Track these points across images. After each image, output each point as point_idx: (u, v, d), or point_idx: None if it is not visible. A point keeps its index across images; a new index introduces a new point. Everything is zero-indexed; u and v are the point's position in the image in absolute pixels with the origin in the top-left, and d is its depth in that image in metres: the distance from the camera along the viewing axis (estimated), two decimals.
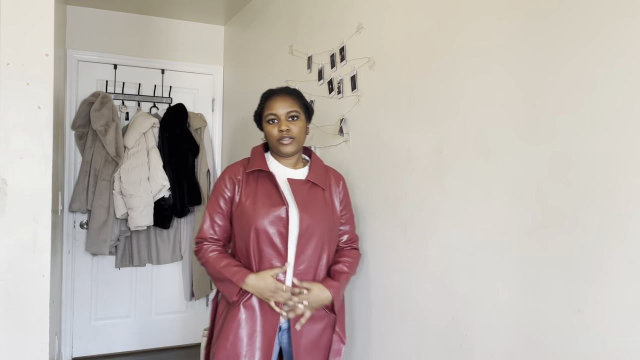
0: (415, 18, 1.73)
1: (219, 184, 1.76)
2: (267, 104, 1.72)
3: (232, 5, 3.47)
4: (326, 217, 1.73)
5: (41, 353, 2.07)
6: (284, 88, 1.77)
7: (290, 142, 1.68)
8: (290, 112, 1.69)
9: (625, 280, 1.06)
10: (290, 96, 1.72)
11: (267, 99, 1.74)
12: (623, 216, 1.06)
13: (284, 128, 1.67)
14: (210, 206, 1.76)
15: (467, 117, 1.50)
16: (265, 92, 1.78)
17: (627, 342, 1.06)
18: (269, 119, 1.71)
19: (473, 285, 1.47)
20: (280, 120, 1.69)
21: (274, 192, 1.69)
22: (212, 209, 1.75)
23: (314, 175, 1.75)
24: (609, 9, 1.10)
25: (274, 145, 1.71)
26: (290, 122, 1.69)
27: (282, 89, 1.76)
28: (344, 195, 1.85)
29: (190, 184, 3.57)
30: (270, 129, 1.70)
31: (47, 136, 2.07)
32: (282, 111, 1.69)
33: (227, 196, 1.74)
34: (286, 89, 1.76)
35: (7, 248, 2.02)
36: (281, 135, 1.67)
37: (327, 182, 1.79)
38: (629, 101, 1.05)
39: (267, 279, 1.62)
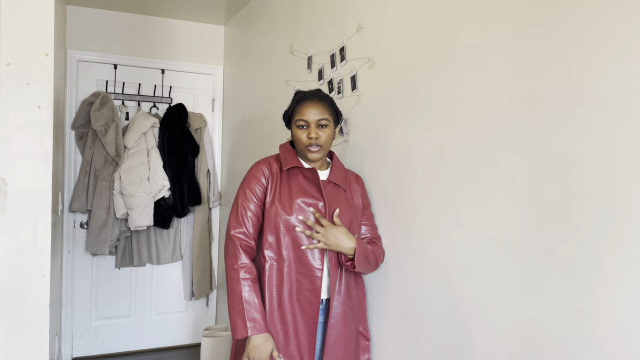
0: (416, 18, 1.73)
1: (253, 175, 1.74)
2: (299, 109, 1.72)
3: (232, 5, 3.47)
4: (349, 214, 1.76)
5: (41, 353, 2.07)
6: (316, 92, 1.76)
7: (317, 150, 1.70)
8: (321, 120, 1.69)
9: (625, 280, 1.06)
10: (322, 103, 1.72)
11: (298, 102, 1.73)
12: (623, 216, 1.06)
13: (313, 136, 1.68)
14: (244, 197, 1.72)
15: (467, 118, 1.50)
16: (297, 93, 1.77)
17: (627, 342, 1.06)
18: (299, 124, 1.71)
19: (473, 285, 1.47)
20: (310, 126, 1.69)
21: (312, 187, 1.73)
22: (246, 200, 1.72)
23: (336, 176, 1.78)
24: (610, 11, 1.10)
25: (302, 149, 1.72)
26: (320, 130, 1.69)
27: (314, 94, 1.74)
28: (364, 195, 1.88)
29: (190, 184, 3.57)
30: (300, 133, 1.71)
31: (47, 136, 2.07)
32: (312, 118, 1.69)
33: (261, 190, 1.73)
34: (318, 93, 1.75)
35: (7, 248, 2.02)
36: (310, 142, 1.69)
37: (348, 183, 1.83)
38: (629, 101, 1.05)
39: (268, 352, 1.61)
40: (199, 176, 3.65)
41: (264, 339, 1.59)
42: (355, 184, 1.86)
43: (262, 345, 1.59)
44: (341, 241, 1.68)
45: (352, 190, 1.83)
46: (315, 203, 1.71)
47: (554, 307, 1.21)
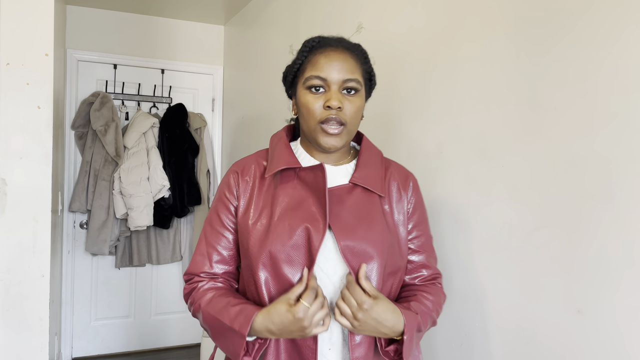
0: (416, 17, 1.73)
1: (220, 190, 1.16)
2: (313, 59, 1.07)
3: (232, 5, 3.47)
4: (382, 241, 1.08)
5: (41, 353, 2.07)
6: (340, 39, 1.12)
7: (339, 130, 1.05)
8: (349, 80, 1.05)
9: (625, 280, 1.06)
10: (352, 54, 1.09)
11: (314, 50, 1.09)
12: (623, 216, 1.06)
13: (334, 104, 1.03)
14: (208, 225, 1.16)
15: (467, 117, 1.50)
16: (311, 38, 1.11)
17: (627, 342, 1.06)
18: (311, 83, 1.06)
19: (473, 285, 1.47)
20: (329, 89, 1.05)
21: (311, 199, 1.08)
22: (210, 228, 1.15)
23: (364, 173, 1.11)
24: (610, 10, 1.10)
25: (312, 129, 1.07)
26: (345, 97, 1.06)
27: (339, 40, 1.11)
28: (416, 204, 1.17)
29: (190, 184, 3.57)
30: (311, 100, 1.06)
31: (47, 136, 2.07)
32: (335, 75, 1.05)
33: (232, 208, 1.14)
34: (345, 41, 1.12)
35: (7, 248, 2.02)
36: (327, 114, 1.04)
37: (386, 185, 1.15)
38: (630, 101, 1.05)
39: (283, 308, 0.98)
40: (199, 176, 3.65)
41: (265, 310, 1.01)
42: (401, 187, 1.16)
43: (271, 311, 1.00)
44: (382, 323, 1.00)
45: (393, 197, 1.15)
46: (306, 228, 1.04)
47: (554, 307, 1.21)
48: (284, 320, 0.98)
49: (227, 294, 1.10)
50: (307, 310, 0.96)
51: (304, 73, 1.08)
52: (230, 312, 1.04)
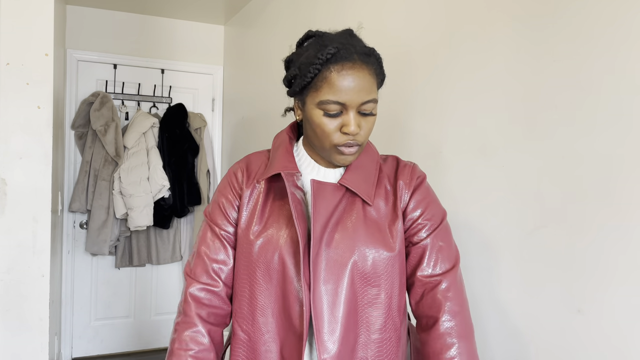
0: (415, 17, 1.73)
1: (219, 193, 1.12)
2: (329, 77, 0.95)
3: (232, 5, 3.47)
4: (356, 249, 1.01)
5: (41, 353, 2.07)
6: (354, 41, 0.99)
7: (355, 150, 1.00)
8: (368, 102, 0.97)
9: (626, 280, 1.06)
10: (370, 68, 0.97)
11: (329, 63, 0.95)
12: (623, 216, 1.06)
13: (353, 129, 0.96)
14: (205, 229, 1.11)
15: (467, 117, 1.50)
16: (325, 47, 0.96)
17: (627, 342, 1.05)
18: (328, 109, 0.96)
19: (473, 285, 1.47)
20: (347, 112, 0.96)
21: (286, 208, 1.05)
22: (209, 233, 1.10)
23: (354, 176, 1.04)
24: (611, 10, 1.10)
25: (325, 148, 1.01)
26: (362, 117, 0.98)
27: (353, 45, 0.97)
28: (419, 203, 1.07)
29: (190, 184, 3.57)
30: (327, 121, 0.97)
31: (47, 136, 2.07)
32: (355, 99, 0.95)
33: (229, 222, 1.10)
34: (360, 45, 0.99)
35: (7, 248, 2.02)
36: (345, 140, 0.98)
37: (380, 188, 1.07)
38: (630, 101, 1.05)
39: None
40: (199, 176, 3.65)
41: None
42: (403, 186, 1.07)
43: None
44: None
45: (388, 201, 1.06)
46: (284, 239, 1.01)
47: (554, 307, 1.21)
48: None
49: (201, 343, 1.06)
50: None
51: (318, 91, 0.96)
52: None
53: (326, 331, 0.98)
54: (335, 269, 0.99)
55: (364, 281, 1.01)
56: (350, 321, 1.00)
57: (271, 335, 1.03)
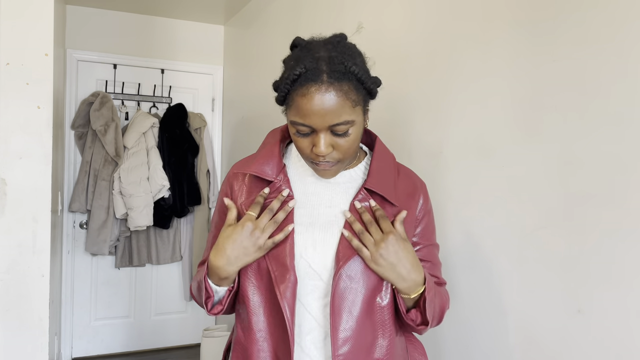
0: (416, 18, 1.73)
1: (220, 193, 1.15)
2: (296, 100, 0.94)
3: (232, 5, 3.47)
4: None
5: (41, 353, 2.07)
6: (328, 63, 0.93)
7: (332, 165, 0.99)
8: (336, 125, 0.93)
9: (625, 280, 1.06)
10: (340, 87, 0.92)
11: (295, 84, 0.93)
12: (623, 216, 1.06)
13: (322, 150, 0.95)
14: (212, 227, 1.16)
15: (467, 118, 1.50)
16: (294, 65, 0.95)
17: (627, 343, 1.05)
18: (296, 128, 0.96)
19: (473, 285, 1.47)
20: (317, 133, 0.95)
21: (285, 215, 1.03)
22: (212, 232, 1.15)
23: (378, 179, 1.04)
24: (611, 11, 1.09)
25: (305, 160, 1.02)
26: (336, 137, 0.96)
27: (325, 62, 0.93)
28: (425, 214, 1.11)
29: (190, 184, 3.57)
30: (299, 139, 0.98)
31: (47, 136, 2.07)
32: (321, 122, 0.93)
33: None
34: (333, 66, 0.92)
35: (6, 248, 2.02)
36: (318, 158, 0.97)
37: (401, 193, 1.08)
38: (630, 101, 1.05)
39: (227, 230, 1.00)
40: (199, 176, 3.65)
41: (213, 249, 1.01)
42: (410, 196, 1.09)
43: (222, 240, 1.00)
44: (403, 265, 0.97)
45: (407, 206, 1.07)
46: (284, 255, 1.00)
47: (554, 307, 1.21)
48: (235, 238, 0.97)
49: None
50: (253, 218, 0.97)
51: (289, 111, 0.96)
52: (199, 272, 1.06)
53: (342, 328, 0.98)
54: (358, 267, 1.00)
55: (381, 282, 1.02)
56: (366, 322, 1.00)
57: (263, 334, 1.02)
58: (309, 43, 1.00)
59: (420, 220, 1.10)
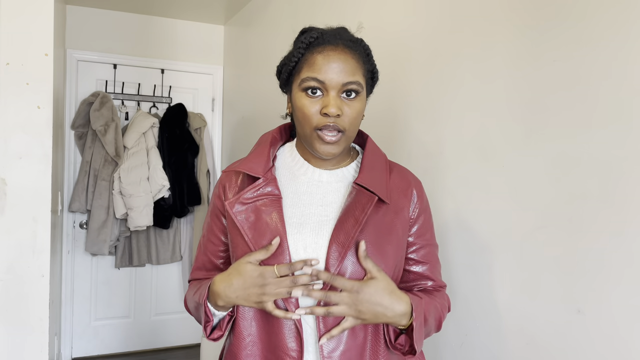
0: (416, 18, 1.73)
1: (213, 197, 1.13)
2: (310, 58, 0.97)
3: (232, 5, 3.47)
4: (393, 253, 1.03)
5: (41, 353, 2.07)
6: (341, 32, 1.01)
7: (337, 137, 0.98)
8: (349, 83, 0.96)
9: (625, 280, 1.06)
10: (353, 53, 0.99)
11: (311, 47, 0.98)
12: (623, 216, 1.06)
13: (332, 111, 0.94)
14: (203, 232, 1.16)
15: (467, 118, 1.50)
16: (308, 33, 1.01)
17: (627, 342, 1.05)
18: (308, 85, 0.96)
19: (473, 285, 1.47)
20: (327, 93, 0.96)
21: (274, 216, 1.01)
22: (204, 236, 1.15)
23: (369, 176, 1.03)
24: (611, 11, 1.10)
25: (307, 134, 1.00)
26: (345, 101, 0.97)
27: (339, 35, 1.00)
28: (420, 212, 1.09)
29: (190, 184, 3.57)
30: (307, 103, 0.97)
31: (47, 136, 2.07)
32: (334, 78, 0.95)
33: (219, 229, 1.11)
34: (345, 35, 1.01)
35: (6, 248, 2.02)
36: (325, 122, 0.96)
37: (394, 190, 1.06)
38: (630, 101, 1.05)
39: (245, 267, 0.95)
40: (199, 176, 3.65)
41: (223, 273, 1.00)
42: (402, 194, 1.07)
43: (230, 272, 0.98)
44: (383, 305, 0.92)
45: (400, 204, 1.06)
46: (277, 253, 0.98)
47: (554, 307, 1.21)
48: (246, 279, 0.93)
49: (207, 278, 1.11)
50: (273, 275, 0.93)
51: (299, 73, 0.99)
52: (199, 289, 1.05)
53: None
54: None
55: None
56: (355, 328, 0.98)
57: (253, 339, 1.01)
58: (316, 28, 1.04)
59: (415, 219, 1.08)
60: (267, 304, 0.93)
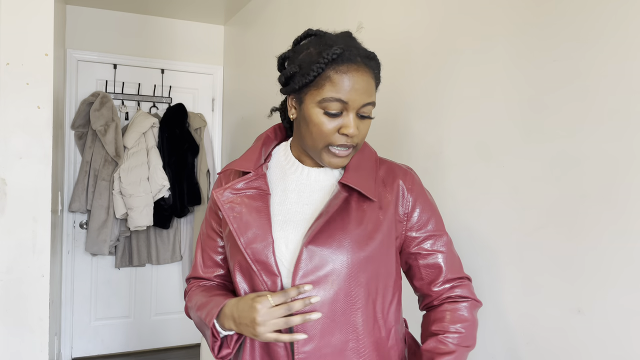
0: (416, 18, 1.73)
1: (211, 194, 1.13)
2: (335, 77, 0.95)
3: (232, 5, 3.47)
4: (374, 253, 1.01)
5: (41, 353, 2.07)
6: (356, 44, 1.02)
7: (348, 152, 1.00)
8: (369, 104, 0.99)
9: (625, 280, 1.05)
10: (372, 72, 1.00)
11: (334, 63, 0.96)
12: (622, 216, 1.06)
13: (352, 131, 0.97)
14: (202, 229, 1.19)
15: (467, 118, 1.50)
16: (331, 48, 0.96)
17: (627, 342, 1.05)
18: (331, 107, 0.96)
19: (473, 285, 1.47)
20: (347, 113, 0.97)
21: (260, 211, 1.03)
22: (203, 233, 1.17)
23: (355, 174, 1.03)
24: (611, 11, 1.09)
25: (318, 147, 1.00)
26: (360, 120, 0.99)
27: (357, 49, 1.00)
28: (414, 202, 1.06)
29: (190, 184, 3.57)
30: (326, 121, 0.97)
31: (47, 136, 2.07)
32: (358, 100, 0.96)
33: (217, 225, 1.15)
34: (363, 50, 1.01)
35: (6, 248, 2.02)
36: (342, 141, 0.98)
37: (382, 188, 1.06)
38: (630, 101, 1.05)
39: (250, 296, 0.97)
40: (199, 176, 3.65)
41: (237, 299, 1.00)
42: (398, 187, 1.06)
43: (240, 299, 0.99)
44: None
45: (388, 201, 1.04)
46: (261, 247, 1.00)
47: (554, 307, 1.21)
48: (244, 307, 0.95)
49: (211, 289, 1.11)
50: (268, 305, 0.93)
51: (320, 89, 0.96)
52: (207, 301, 1.04)
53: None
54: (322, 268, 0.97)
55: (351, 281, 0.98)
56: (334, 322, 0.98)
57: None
58: (325, 33, 1.04)
59: (409, 212, 1.06)
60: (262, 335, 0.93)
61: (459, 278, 1.08)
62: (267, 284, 0.98)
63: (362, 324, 0.99)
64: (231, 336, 1.02)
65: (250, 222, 1.01)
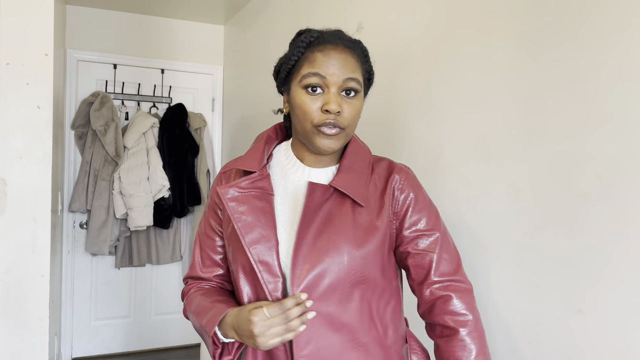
0: (416, 18, 1.73)
1: (210, 192, 1.14)
2: (311, 56, 0.98)
3: (232, 5, 3.47)
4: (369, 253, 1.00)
5: (41, 353, 2.07)
6: (339, 33, 1.03)
7: (337, 133, 0.98)
8: (349, 79, 0.98)
9: (625, 280, 1.06)
10: (352, 52, 1.01)
11: (311, 46, 0.99)
12: (622, 216, 1.06)
13: (333, 107, 0.95)
14: (200, 228, 1.17)
15: (467, 118, 1.50)
16: (308, 33, 1.02)
17: (627, 342, 1.05)
18: (308, 82, 0.97)
19: (473, 285, 1.47)
20: (328, 90, 0.97)
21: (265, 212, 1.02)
22: (201, 232, 1.16)
23: (345, 177, 1.02)
24: (610, 12, 1.10)
25: (307, 131, 0.99)
26: (345, 99, 0.98)
27: (338, 34, 1.02)
28: (406, 199, 1.04)
29: (190, 184, 3.57)
30: (308, 100, 0.98)
31: (47, 136, 2.07)
32: (337, 73, 0.97)
33: (216, 224, 1.13)
34: (345, 36, 1.03)
35: (6, 248, 2.02)
36: (325, 118, 0.97)
37: (372, 190, 1.04)
38: (629, 101, 1.05)
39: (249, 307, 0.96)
40: (199, 176, 3.65)
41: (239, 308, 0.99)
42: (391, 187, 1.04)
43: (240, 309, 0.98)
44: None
45: (379, 202, 1.03)
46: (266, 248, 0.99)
47: (554, 307, 1.21)
48: (242, 319, 0.94)
49: (211, 293, 1.09)
50: (264, 317, 0.91)
51: (299, 70, 0.99)
52: (206, 312, 1.02)
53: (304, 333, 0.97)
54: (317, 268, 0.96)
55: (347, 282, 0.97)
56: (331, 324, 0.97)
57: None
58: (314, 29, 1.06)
59: (404, 210, 1.04)
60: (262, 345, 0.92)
61: (449, 280, 1.05)
62: (269, 287, 0.97)
63: (360, 324, 0.99)
64: (232, 343, 1.02)
65: (254, 222, 1.00)
